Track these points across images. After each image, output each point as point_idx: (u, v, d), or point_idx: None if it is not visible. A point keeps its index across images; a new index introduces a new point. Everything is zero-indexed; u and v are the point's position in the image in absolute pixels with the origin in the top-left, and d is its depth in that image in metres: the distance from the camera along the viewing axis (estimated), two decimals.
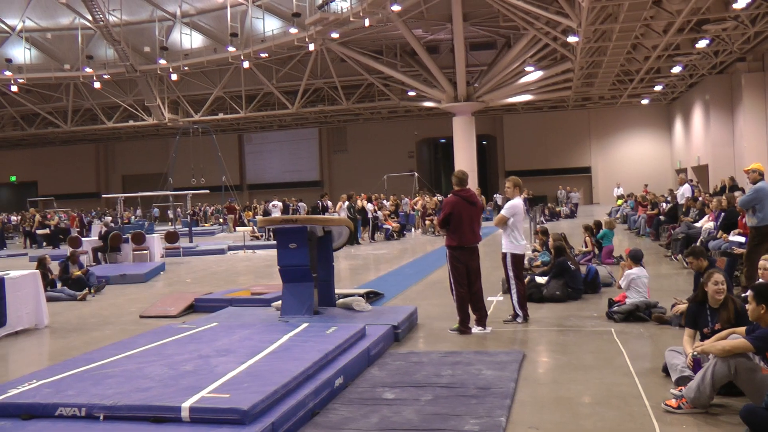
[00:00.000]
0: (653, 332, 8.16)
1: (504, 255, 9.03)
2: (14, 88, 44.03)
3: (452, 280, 8.63)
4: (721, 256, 11.14)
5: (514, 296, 9.00)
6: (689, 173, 38.09)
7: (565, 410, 5.54)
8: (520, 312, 9.02)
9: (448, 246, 8.67)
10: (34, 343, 9.53)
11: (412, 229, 29.34)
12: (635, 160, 47.60)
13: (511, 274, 8.97)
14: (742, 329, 5.48)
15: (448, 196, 8.85)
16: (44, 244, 30.08)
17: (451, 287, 8.71)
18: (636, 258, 9.17)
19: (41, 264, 13.17)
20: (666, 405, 5.41)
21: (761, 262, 7.40)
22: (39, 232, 30.69)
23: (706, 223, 14.53)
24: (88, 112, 47.97)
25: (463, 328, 8.55)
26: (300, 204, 34.40)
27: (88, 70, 42.59)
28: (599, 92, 40.05)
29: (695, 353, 5.84)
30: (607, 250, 14.58)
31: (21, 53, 44.47)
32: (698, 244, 12.41)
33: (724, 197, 14.24)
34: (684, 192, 19.88)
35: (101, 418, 4.95)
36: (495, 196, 41.21)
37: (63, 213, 36.63)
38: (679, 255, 14.11)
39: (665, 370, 6.24)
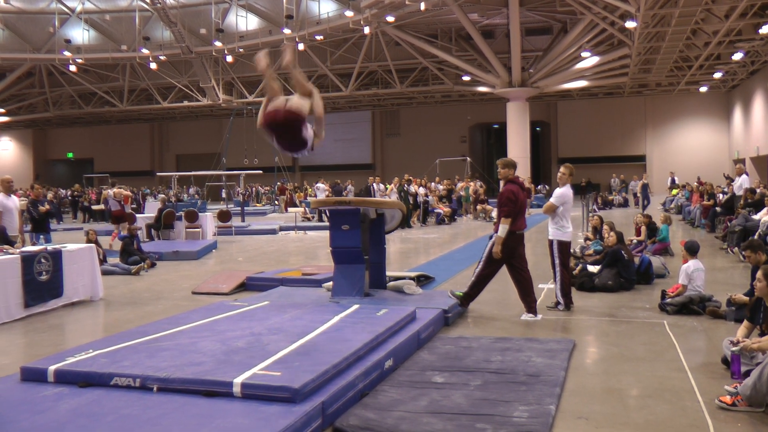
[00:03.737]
0: (707, 326, 7.98)
1: (551, 242, 9.01)
2: (73, 68, 45.12)
3: (484, 258, 8.59)
4: None
5: (558, 284, 8.96)
6: (747, 164, 37.08)
7: (615, 402, 5.47)
8: (561, 300, 8.98)
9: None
10: (89, 314, 9.77)
11: (463, 215, 29.22)
12: (691, 149, 46.45)
13: (556, 261, 8.91)
14: None
15: (507, 185, 8.60)
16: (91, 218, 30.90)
17: (478, 263, 8.71)
18: (692, 250, 8.94)
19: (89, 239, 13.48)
20: (720, 401, 5.27)
21: None
22: (95, 207, 31.36)
23: (765, 216, 14.16)
24: (143, 92, 48.80)
25: (465, 302, 8.66)
26: (348, 186, 34.58)
27: (145, 51, 43.26)
28: (656, 79, 39.23)
29: (735, 351, 5.69)
30: (663, 246, 14.22)
31: (80, 34, 45.42)
32: (756, 237, 12.11)
33: None
34: (742, 183, 19.35)
35: (155, 389, 5.06)
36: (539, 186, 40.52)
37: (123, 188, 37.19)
38: (736, 248, 13.78)
39: (725, 362, 6.11)
